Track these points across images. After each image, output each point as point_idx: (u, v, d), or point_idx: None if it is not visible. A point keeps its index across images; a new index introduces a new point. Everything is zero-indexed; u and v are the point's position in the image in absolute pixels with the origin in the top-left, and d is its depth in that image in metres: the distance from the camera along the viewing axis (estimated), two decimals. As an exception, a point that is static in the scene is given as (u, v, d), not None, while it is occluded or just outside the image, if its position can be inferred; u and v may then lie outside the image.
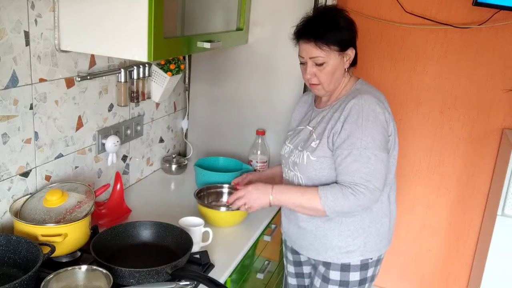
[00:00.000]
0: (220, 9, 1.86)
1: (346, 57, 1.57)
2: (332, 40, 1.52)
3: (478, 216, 2.67)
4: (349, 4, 2.56)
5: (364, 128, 1.47)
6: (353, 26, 1.57)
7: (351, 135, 1.48)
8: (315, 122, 1.63)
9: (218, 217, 1.71)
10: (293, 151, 1.65)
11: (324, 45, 1.52)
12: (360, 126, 1.47)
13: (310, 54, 1.54)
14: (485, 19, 2.37)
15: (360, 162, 1.46)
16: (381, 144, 1.48)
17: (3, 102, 1.35)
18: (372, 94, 1.54)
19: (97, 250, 1.30)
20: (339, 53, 1.54)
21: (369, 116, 1.48)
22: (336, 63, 1.55)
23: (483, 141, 2.57)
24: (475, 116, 2.55)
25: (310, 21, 1.56)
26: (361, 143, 1.46)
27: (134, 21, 1.34)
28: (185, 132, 2.41)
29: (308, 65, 1.56)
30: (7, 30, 1.32)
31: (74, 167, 1.68)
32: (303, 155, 1.59)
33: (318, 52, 1.52)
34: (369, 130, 1.47)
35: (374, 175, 1.46)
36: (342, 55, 1.55)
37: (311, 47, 1.53)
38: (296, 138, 1.68)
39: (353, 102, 1.51)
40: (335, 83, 1.58)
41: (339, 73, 1.57)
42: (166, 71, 1.95)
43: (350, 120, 1.49)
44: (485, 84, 2.49)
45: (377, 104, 1.50)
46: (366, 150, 1.46)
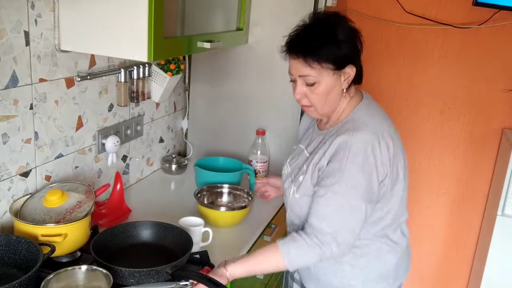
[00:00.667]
0: (220, 9, 1.86)
1: (344, 76, 1.34)
2: (325, 57, 1.29)
3: (478, 216, 2.67)
4: (349, 4, 2.56)
5: (347, 171, 1.27)
6: (356, 39, 1.34)
7: (332, 175, 1.29)
8: (313, 147, 1.44)
9: (218, 217, 1.71)
10: (287, 177, 1.51)
11: (315, 62, 1.29)
12: (343, 168, 1.27)
13: (299, 72, 1.33)
14: (485, 19, 2.37)
15: (332, 208, 1.29)
16: (364, 193, 1.28)
17: (3, 102, 1.35)
18: (368, 129, 1.31)
19: (97, 250, 1.30)
20: (334, 72, 1.32)
21: (356, 158, 1.27)
22: (330, 83, 1.33)
23: (483, 141, 2.57)
24: (475, 116, 2.55)
25: (302, 32, 1.34)
26: (339, 188, 1.28)
27: (134, 21, 1.34)
28: (185, 132, 2.42)
29: (297, 84, 1.35)
30: (7, 30, 1.32)
31: (74, 167, 1.68)
32: (290, 189, 1.45)
33: (308, 70, 1.31)
34: (352, 175, 1.27)
35: (344, 226, 1.29)
36: (339, 74, 1.33)
37: (300, 64, 1.31)
38: (294, 161, 1.52)
39: (342, 139, 1.30)
40: (330, 105, 1.37)
41: (334, 94, 1.35)
42: (166, 71, 1.95)
43: (335, 159, 1.30)
44: (485, 84, 2.49)
45: (369, 145, 1.28)
46: (342, 197, 1.28)
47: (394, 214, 1.40)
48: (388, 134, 1.33)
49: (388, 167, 1.32)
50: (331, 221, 1.29)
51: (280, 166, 2.22)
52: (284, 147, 2.20)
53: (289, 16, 2.06)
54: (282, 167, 1.61)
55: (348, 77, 1.35)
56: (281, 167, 2.21)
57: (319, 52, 1.29)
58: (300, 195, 1.40)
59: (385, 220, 1.39)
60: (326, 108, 1.38)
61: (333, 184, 1.28)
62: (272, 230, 1.92)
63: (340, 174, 1.28)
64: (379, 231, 1.40)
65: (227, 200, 1.89)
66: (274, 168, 2.23)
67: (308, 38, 1.31)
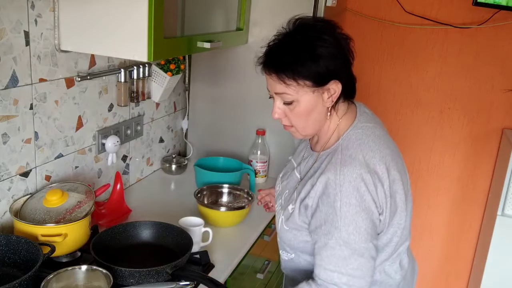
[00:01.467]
0: (220, 9, 1.86)
1: (328, 93, 1.17)
2: (300, 73, 1.14)
3: (478, 216, 2.67)
4: (349, 4, 2.56)
5: (344, 216, 1.13)
6: (344, 49, 1.18)
7: (328, 221, 1.15)
8: (304, 170, 1.30)
9: (218, 217, 1.71)
10: (278, 197, 1.39)
11: (290, 79, 1.14)
12: (339, 212, 1.13)
13: (274, 89, 1.19)
14: (485, 19, 2.37)
15: (339, 259, 1.15)
16: (366, 233, 1.15)
17: (3, 102, 1.35)
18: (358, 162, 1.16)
19: (97, 250, 1.31)
20: (314, 89, 1.16)
21: (350, 199, 1.13)
22: (310, 102, 1.17)
23: (483, 141, 2.57)
24: (475, 116, 2.55)
25: (276, 45, 1.20)
26: (340, 235, 1.13)
27: (134, 21, 1.34)
28: (185, 132, 2.42)
29: (275, 102, 1.21)
30: (7, 30, 1.32)
31: (74, 167, 1.68)
32: (280, 215, 1.32)
33: (283, 88, 1.16)
34: (350, 218, 1.13)
35: (356, 275, 1.15)
36: (320, 91, 1.17)
37: (274, 81, 1.18)
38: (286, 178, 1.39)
39: (328, 177, 1.16)
40: (313, 126, 1.23)
41: (317, 114, 1.20)
42: (166, 71, 1.95)
43: (325, 201, 1.16)
44: (485, 84, 2.49)
45: (361, 181, 1.14)
46: (346, 245, 1.14)
47: (393, 247, 1.27)
48: (381, 162, 1.18)
49: (384, 202, 1.18)
50: (341, 271, 1.15)
51: (280, 166, 2.23)
52: (284, 147, 2.20)
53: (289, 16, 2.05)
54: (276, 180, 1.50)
55: (333, 94, 1.18)
56: (281, 167, 2.23)
57: (293, 68, 1.14)
58: (289, 228, 1.28)
59: (383, 254, 1.26)
60: (308, 130, 1.24)
61: (332, 232, 1.15)
62: (272, 230, 1.92)
63: (337, 220, 1.14)
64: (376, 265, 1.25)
65: (227, 200, 1.89)
66: (274, 168, 2.23)
67: (281, 52, 1.17)
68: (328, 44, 1.15)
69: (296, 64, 1.14)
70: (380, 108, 2.60)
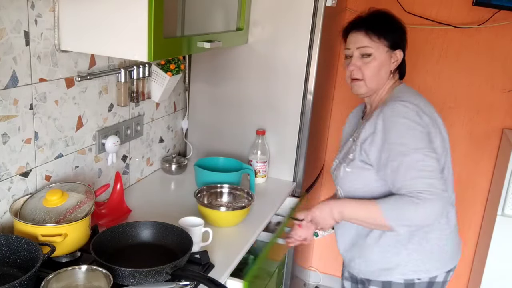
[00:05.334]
0: (220, 9, 1.86)
1: (394, 58, 1.52)
2: (384, 33, 1.48)
3: (478, 216, 2.67)
4: (349, 4, 2.56)
5: (402, 132, 1.38)
6: (405, 33, 1.55)
7: (390, 143, 1.39)
8: (357, 133, 1.55)
9: (218, 217, 1.71)
10: (337, 165, 1.62)
11: (375, 35, 1.48)
12: (397, 131, 1.39)
13: (359, 44, 1.49)
14: (485, 19, 2.37)
15: (415, 169, 1.35)
16: (427, 143, 1.38)
17: (3, 102, 1.35)
18: (409, 101, 1.43)
19: (97, 250, 1.30)
20: (387, 50, 1.50)
21: (404, 119, 1.39)
22: (383, 59, 1.50)
23: (483, 141, 2.57)
24: (475, 116, 2.55)
25: (364, 16, 1.54)
26: (406, 148, 1.36)
27: (134, 21, 1.34)
28: (185, 132, 2.42)
29: (353, 57, 1.51)
30: (7, 30, 1.32)
31: (74, 167, 1.68)
32: (342, 167, 1.56)
33: (367, 41, 1.48)
34: (408, 132, 1.38)
35: (435, 177, 1.34)
36: (390, 54, 1.51)
37: (361, 36, 1.49)
38: (341, 153, 1.65)
39: (385, 108, 1.43)
40: (378, 81, 1.52)
41: (384, 72, 1.52)
42: (166, 71, 1.95)
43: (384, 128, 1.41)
44: (485, 84, 2.49)
45: (411, 110, 1.40)
46: (416, 153, 1.36)
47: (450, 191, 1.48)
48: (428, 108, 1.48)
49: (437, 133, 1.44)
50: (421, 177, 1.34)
51: (280, 166, 2.23)
52: (284, 147, 2.20)
53: (289, 16, 2.06)
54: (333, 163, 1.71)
55: (397, 60, 1.53)
56: (281, 167, 2.23)
57: (380, 28, 1.48)
58: (351, 168, 1.51)
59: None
60: (374, 83, 1.51)
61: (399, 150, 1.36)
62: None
63: (398, 137, 1.38)
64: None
65: (227, 200, 1.89)
66: (274, 168, 2.23)
67: (370, 18, 1.52)
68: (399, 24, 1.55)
69: (382, 26, 1.50)
70: (380, 108, 2.60)
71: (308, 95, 2.12)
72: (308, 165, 2.27)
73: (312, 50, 2.06)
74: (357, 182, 1.51)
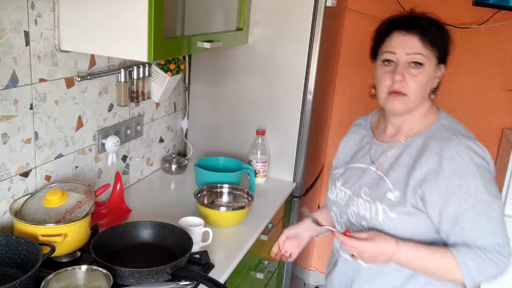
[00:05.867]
0: (220, 9, 1.86)
1: (438, 73, 1.27)
2: (438, 42, 1.22)
3: (478, 216, 2.67)
4: (349, 4, 2.56)
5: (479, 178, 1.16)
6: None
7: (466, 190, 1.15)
8: (382, 161, 1.30)
9: (218, 217, 1.71)
10: (353, 199, 1.32)
11: (429, 44, 1.21)
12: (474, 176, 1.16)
13: (410, 49, 1.21)
14: (485, 19, 2.37)
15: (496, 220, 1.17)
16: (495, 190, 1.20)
17: (3, 102, 1.35)
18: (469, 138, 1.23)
19: (97, 250, 1.30)
20: (436, 63, 1.24)
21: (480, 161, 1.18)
22: (431, 73, 1.24)
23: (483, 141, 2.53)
24: (475, 116, 2.55)
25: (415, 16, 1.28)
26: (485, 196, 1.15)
27: (134, 21, 1.34)
28: (185, 132, 2.42)
29: (399, 65, 1.22)
30: (7, 30, 1.32)
31: (74, 167, 1.68)
32: (376, 208, 1.25)
33: (421, 48, 1.20)
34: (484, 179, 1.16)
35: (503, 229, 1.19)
36: (436, 69, 1.25)
37: (414, 40, 1.21)
38: (353, 181, 1.35)
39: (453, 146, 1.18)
40: (419, 100, 1.25)
41: (428, 88, 1.25)
42: (166, 71, 1.95)
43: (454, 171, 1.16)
44: (485, 84, 2.49)
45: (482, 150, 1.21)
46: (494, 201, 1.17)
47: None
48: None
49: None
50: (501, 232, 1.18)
51: (280, 166, 2.23)
52: (284, 147, 2.20)
53: (289, 16, 2.06)
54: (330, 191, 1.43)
55: (440, 76, 1.28)
56: (281, 167, 2.23)
57: (435, 34, 1.22)
58: (399, 214, 1.22)
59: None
60: (416, 102, 1.25)
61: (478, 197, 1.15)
62: (269, 229, 1.92)
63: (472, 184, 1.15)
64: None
65: (227, 200, 1.89)
66: (274, 168, 2.23)
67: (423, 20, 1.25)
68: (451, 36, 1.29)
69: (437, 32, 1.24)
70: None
71: (308, 95, 2.12)
72: (308, 165, 2.27)
73: (312, 50, 2.06)
74: (404, 229, 1.23)
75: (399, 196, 1.23)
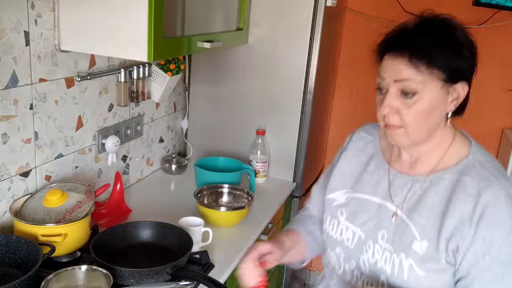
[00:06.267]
0: (220, 9, 1.86)
1: (453, 95, 1.04)
2: (438, 60, 0.98)
3: (478, 216, 2.67)
4: (349, 4, 2.56)
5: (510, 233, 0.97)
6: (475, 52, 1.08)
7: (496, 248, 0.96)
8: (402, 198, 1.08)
9: (218, 217, 1.71)
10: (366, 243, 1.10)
11: (423, 65, 0.98)
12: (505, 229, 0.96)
13: (397, 75, 1.00)
14: (485, 19, 2.37)
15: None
16: None
17: (3, 102, 1.35)
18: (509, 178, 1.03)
19: (97, 250, 1.30)
20: (443, 85, 1.00)
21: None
22: (435, 99, 1.00)
23: (482, 141, 2.53)
24: (475, 116, 2.54)
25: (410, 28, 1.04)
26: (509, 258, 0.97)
27: (134, 21, 1.34)
28: (185, 132, 2.42)
29: (389, 92, 1.01)
30: (7, 30, 1.32)
31: (74, 167, 1.68)
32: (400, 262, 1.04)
33: (411, 73, 0.98)
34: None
35: None
36: (447, 90, 1.02)
37: (402, 63, 0.99)
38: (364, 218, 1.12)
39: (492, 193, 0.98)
40: (428, 131, 1.04)
41: (436, 117, 1.03)
42: (166, 71, 1.95)
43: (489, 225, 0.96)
44: (485, 84, 2.48)
45: None
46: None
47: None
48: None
49: None
50: None
51: (280, 166, 2.23)
52: (284, 147, 2.20)
53: (289, 16, 2.06)
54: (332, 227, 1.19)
55: (457, 97, 1.05)
56: (281, 167, 2.23)
57: (433, 52, 0.98)
58: (427, 272, 1.02)
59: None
60: (420, 134, 1.03)
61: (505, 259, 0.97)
62: (269, 229, 1.92)
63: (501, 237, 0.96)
64: None
65: (227, 200, 1.89)
66: (274, 168, 2.23)
67: (419, 34, 1.01)
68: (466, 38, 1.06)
69: (436, 49, 0.98)
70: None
71: (308, 95, 2.12)
72: (308, 165, 2.27)
73: (312, 50, 2.06)
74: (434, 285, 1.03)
75: (428, 248, 1.01)
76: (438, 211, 1.02)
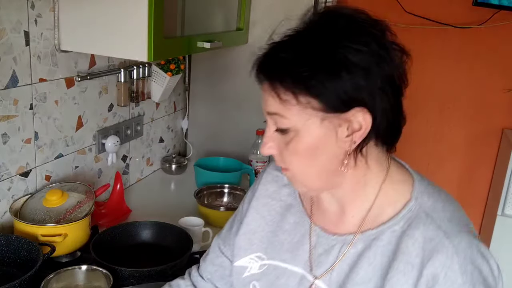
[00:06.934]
0: (220, 9, 1.86)
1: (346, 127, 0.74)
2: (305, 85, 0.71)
3: (478, 216, 2.67)
4: (348, 4, 2.55)
5: None
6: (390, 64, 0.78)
7: None
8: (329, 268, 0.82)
9: (218, 217, 1.71)
10: None
11: (287, 92, 0.74)
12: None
13: (266, 107, 0.80)
14: (485, 19, 2.37)
15: None
16: None
17: (3, 102, 1.35)
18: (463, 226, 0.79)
19: (97, 250, 1.31)
20: (324, 116, 0.73)
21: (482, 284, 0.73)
22: (315, 137, 0.74)
23: (483, 141, 2.57)
24: (475, 116, 2.55)
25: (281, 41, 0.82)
26: None
27: (134, 21, 1.34)
28: (185, 132, 2.42)
29: (267, 126, 0.81)
30: (7, 30, 1.31)
31: (74, 167, 1.68)
32: None
33: (276, 105, 0.76)
34: None
35: None
36: (334, 122, 0.73)
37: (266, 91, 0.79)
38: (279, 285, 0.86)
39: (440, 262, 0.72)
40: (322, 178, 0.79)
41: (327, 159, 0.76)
42: (166, 71, 1.95)
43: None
44: (485, 84, 2.49)
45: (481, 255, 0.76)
46: None
47: None
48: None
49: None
50: None
51: (280, 166, 2.23)
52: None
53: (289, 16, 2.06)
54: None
55: (359, 128, 0.73)
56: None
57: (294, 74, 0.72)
58: None
59: None
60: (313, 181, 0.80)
61: None
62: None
63: None
64: None
65: (227, 200, 1.89)
66: (274, 168, 2.23)
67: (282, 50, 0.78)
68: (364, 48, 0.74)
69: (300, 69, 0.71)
70: (380, 108, 2.60)
71: (308, 95, 2.11)
72: (308, 165, 2.27)
73: (312, 50, 2.06)
74: None
75: None
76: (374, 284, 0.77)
